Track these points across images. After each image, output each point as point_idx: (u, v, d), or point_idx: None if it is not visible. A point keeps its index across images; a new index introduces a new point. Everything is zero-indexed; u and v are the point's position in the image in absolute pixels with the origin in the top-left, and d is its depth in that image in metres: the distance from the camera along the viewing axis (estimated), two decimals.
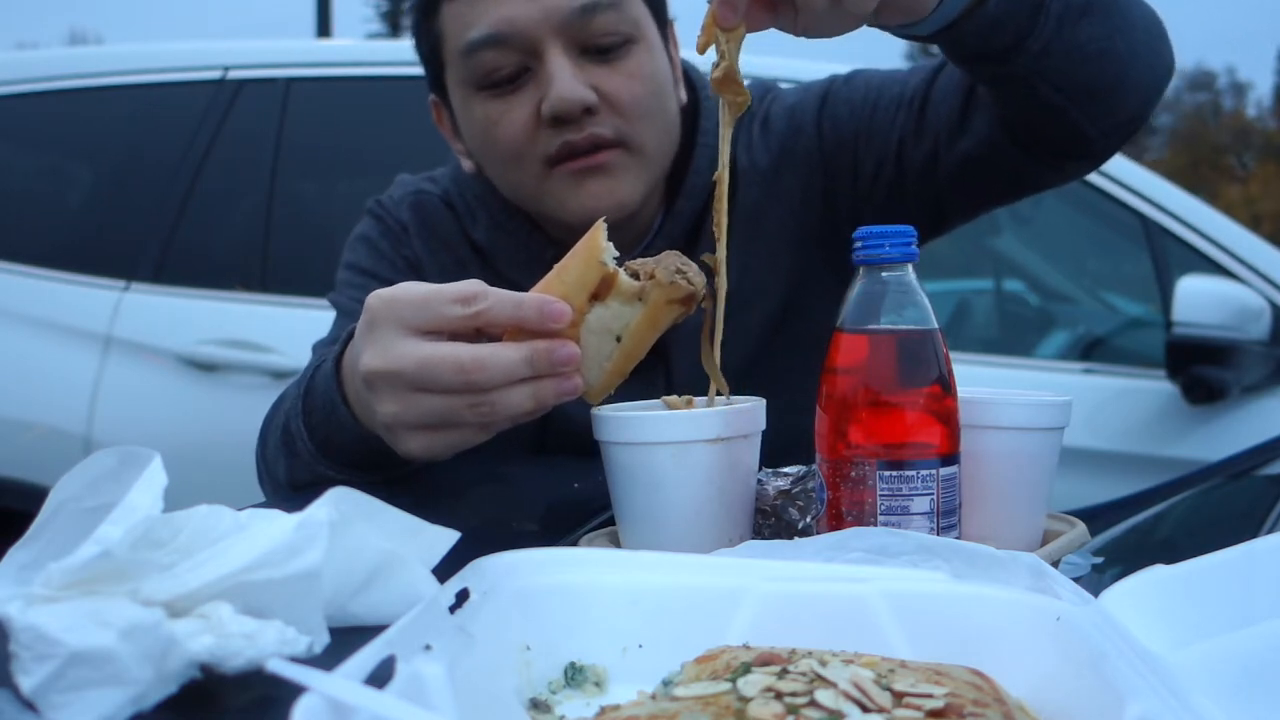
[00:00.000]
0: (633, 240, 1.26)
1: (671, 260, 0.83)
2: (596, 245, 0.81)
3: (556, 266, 0.83)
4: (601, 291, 0.81)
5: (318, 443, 1.01)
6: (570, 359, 0.80)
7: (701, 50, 0.87)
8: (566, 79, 1.14)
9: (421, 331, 0.81)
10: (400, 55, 3.05)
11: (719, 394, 0.87)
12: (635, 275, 0.82)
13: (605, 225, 0.82)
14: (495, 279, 1.26)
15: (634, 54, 1.18)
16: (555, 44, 1.15)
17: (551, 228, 1.27)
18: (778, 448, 0.90)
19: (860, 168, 1.28)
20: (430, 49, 1.24)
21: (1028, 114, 1.11)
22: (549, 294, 0.81)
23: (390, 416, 0.84)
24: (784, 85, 1.42)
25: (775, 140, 1.31)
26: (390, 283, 1.28)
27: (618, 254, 0.82)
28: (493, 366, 0.79)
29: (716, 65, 0.86)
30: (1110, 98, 1.11)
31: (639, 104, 1.18)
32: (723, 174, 0.87)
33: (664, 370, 1.23)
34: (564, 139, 1.16)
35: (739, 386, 0.89)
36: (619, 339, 0.82)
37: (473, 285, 0.81)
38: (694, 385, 0.90)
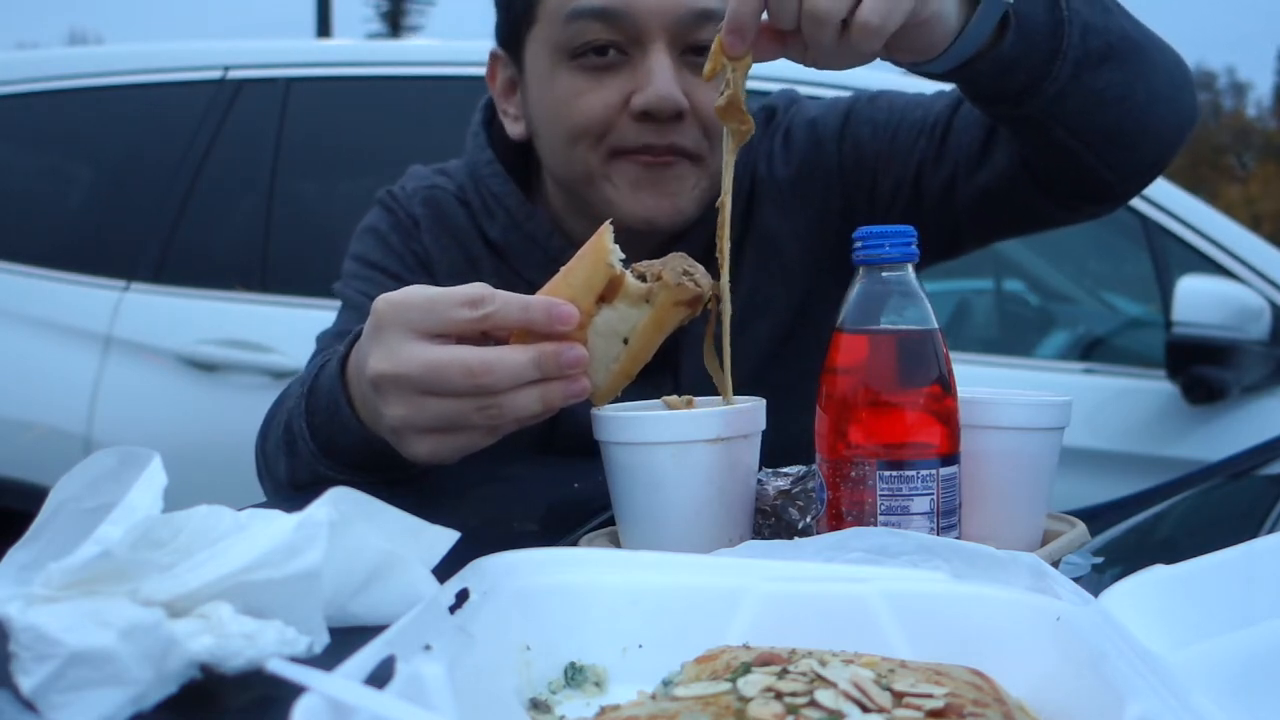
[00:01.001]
0: (662, 244, 1.25)
1: (678, 262, 0.83)
2: (603, 247, 0.81)
3: (563, 269, 0.83)
4: (609, 294, 0.81)
5: (320, 443, 1.01)
6: (578, 361, 0.80)
7: (708, 77, 0.87)
8: (667, 79, 1.14)
9: (429, 335, 0.81)
10: (400, 55, 3.06)
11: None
12: (642, 277, 0.82)
13: (611, 228, 0.82)
14: (510, 277, 1.26)
15: None
16: (661, 39, 1.15)
17: (573, 222, 1.26)
18: (778, 448, 0.90)
19: (878, 188, 1.27)
20: (522, 1, 1.22)
21: (1044, 155, 1.12)
22: (556, 296, 0.81)
23: (398, 420, 0.83)
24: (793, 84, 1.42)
25: (796, 154, 1.31)
26: (397, 277, 1.29)
27: (624, 256, 0.82)
28: (500, 369, 0.79)
29: (722, 93, 0.86)
30: (1129, 144, 1.10)
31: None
32: (725, 200, 0.87)
33: (672, 374, 1.22)
34: (645, 142, 1.16)
35: (744, 393, 0.89)
36: (626, 341, 0.82)
37: (480, 288, 0.81)
38: (701, 389, 0.90)
